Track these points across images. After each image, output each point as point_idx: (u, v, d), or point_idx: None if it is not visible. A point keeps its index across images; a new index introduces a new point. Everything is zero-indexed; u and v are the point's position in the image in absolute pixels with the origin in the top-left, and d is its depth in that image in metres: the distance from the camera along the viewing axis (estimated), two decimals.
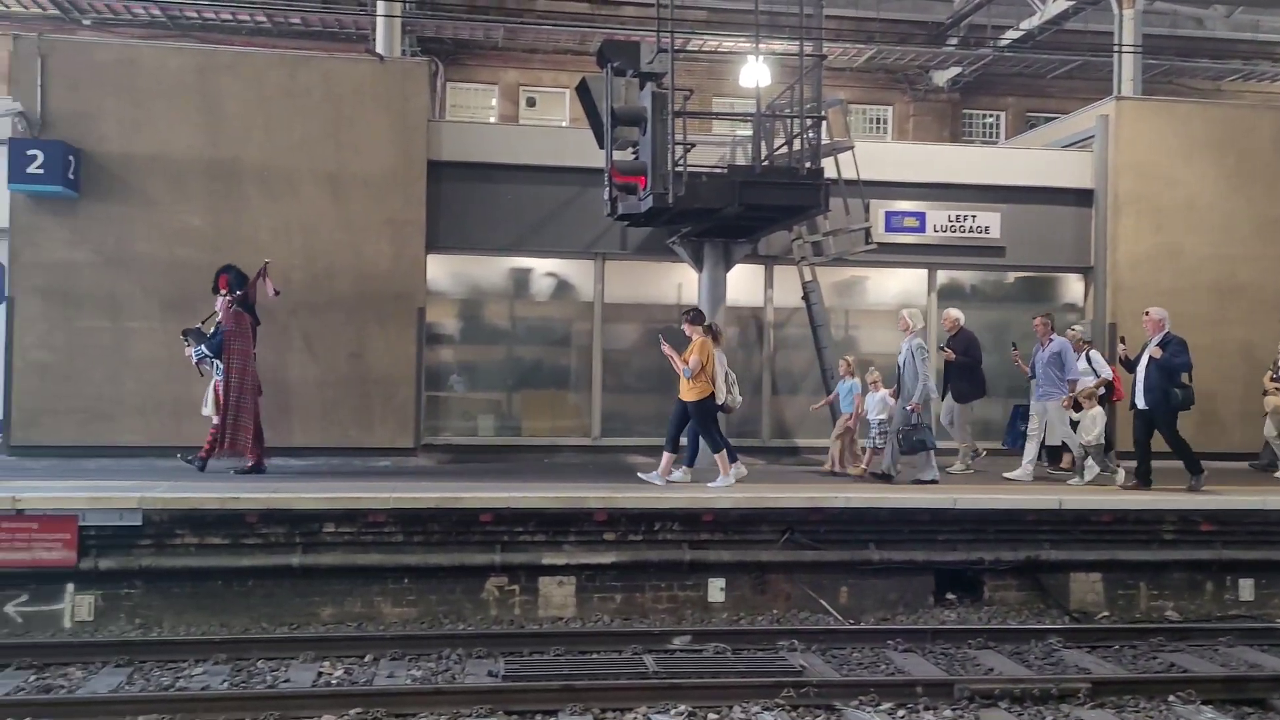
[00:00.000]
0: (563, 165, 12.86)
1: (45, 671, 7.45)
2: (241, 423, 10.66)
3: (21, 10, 17.28)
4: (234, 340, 10.66)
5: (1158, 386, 10.36)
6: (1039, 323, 11.58)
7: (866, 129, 20.23)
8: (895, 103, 20.50)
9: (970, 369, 11.86)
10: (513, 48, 18.91)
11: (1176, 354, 10.32)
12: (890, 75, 20.14)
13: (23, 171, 11.29)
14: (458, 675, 7.52)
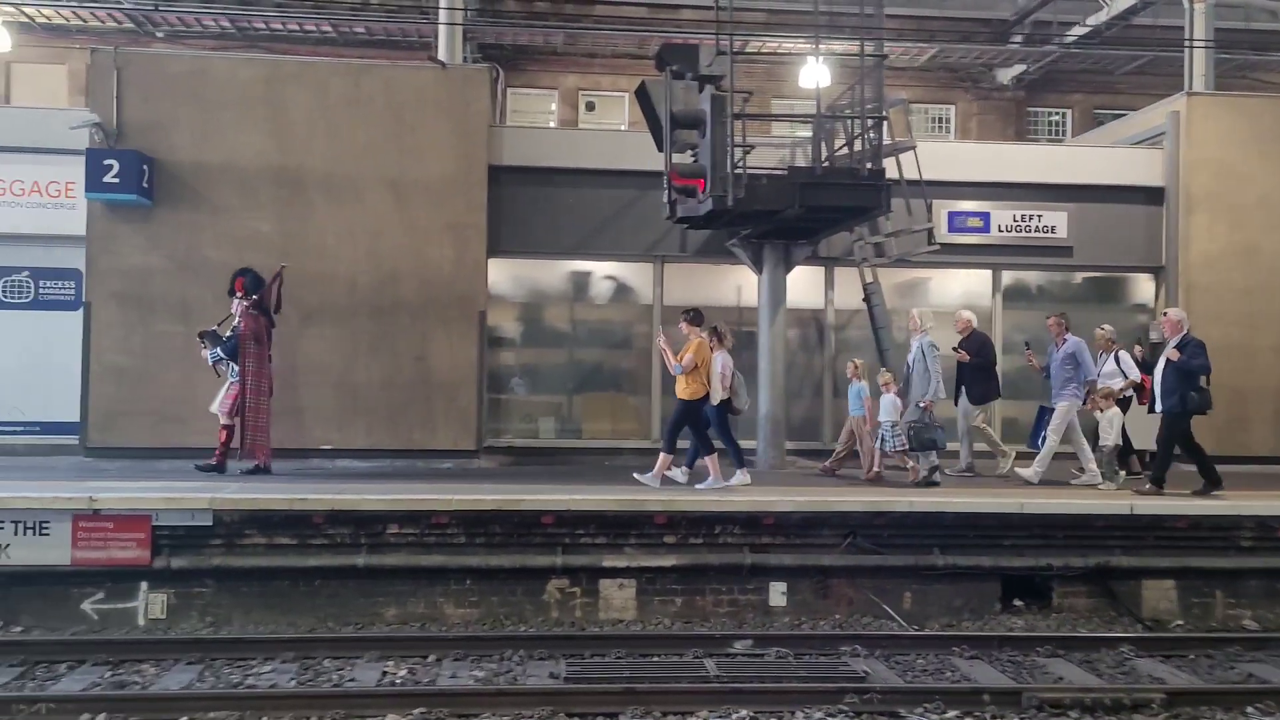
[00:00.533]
0: (622, 169, 12.89)
1: (120, 668, 7.64)
2: (259, 424, 10.85)
3: (98, 24, 17.80)
4: (249, 343, 10.83)
5: (1175, 389, 10.10)
6: (1052, 322, 11.32)
7: (929, 129, 19.99)
8: (958, 101, 20.22)
9: (983, 371, 11.70)
10: (572, 52, 19.01)
11: (1194, 356, 10.07)
12: (953, 74, 19.87)
13: (99, 181, 11.61)
14: (519, 676, 7.56)
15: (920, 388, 10.69)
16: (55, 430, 12.22)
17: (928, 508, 9.58)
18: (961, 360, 11.73)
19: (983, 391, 11.73)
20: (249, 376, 10.80)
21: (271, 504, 9.08)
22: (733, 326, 12.91)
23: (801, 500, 9.57)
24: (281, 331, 12.01)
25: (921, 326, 10.98)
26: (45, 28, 18.20)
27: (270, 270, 11.25)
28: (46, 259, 12.38)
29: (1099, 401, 10.89)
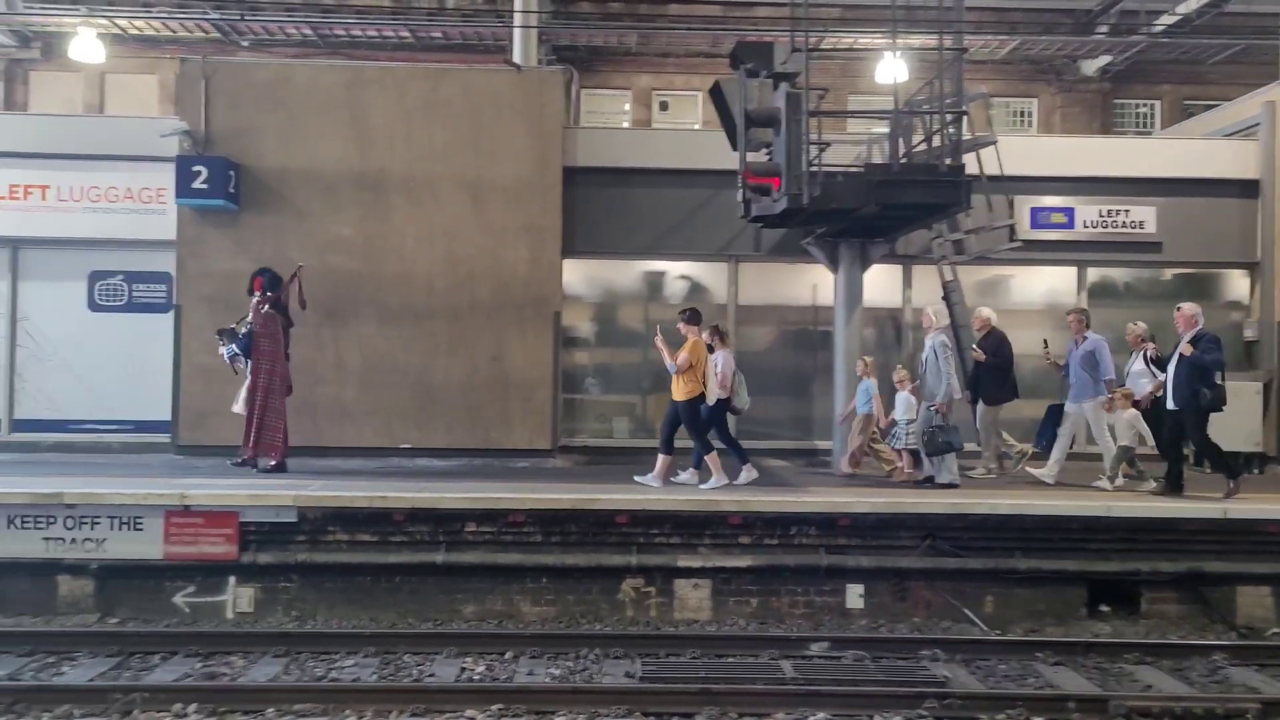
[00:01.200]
0: (696, 168, 12.88)
1: (210, 659, 7.87)
2: (268, 422, 10.96)
3: (187, 34, 18.35)
4: (263, 341, 10.99)
5: (1187, 385, 9.79)
6: (1073, 318, 11.04)
7: (1010, 123, 19.58)
8: (1041, 94, 19.77)
9: (1001, 371, 11.46)
10: (645, 52, 19.05)
11: (1207, 351, 9.73)
12: (1035, 66, 19.43)
13: (188, 187, 11.97)
14: (595, 675, 7.60)
15: (932, 389, 10.47)
16: (148, 429, 12.63)
17: (1009, 510, 9.40)
18: (978, 359, 11.49)
19: (997, 392, 11.49)
20: (260, 374, 10.97)
21: (353, 501, 9.28)
22: (808, 326, 12.87)
23: (878, 501, 9.46)
24: (363, 332, 12.30)
25: (936, 324, 10.72)
26: (136, 39, 18.82)
27: (361, 275, 11.47)
28: (139, 263, 12.80)
29: (1119, 401, 10.56)
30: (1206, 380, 9.78)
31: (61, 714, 6.68)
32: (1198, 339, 9.85)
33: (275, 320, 11.14)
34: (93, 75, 19.45)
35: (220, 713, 6.75)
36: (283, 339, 11.21)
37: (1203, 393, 9.75)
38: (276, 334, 11.11)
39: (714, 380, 10.46)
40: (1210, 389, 9.77)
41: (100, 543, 9.01)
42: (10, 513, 8.96)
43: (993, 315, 11.80)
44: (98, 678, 7.40)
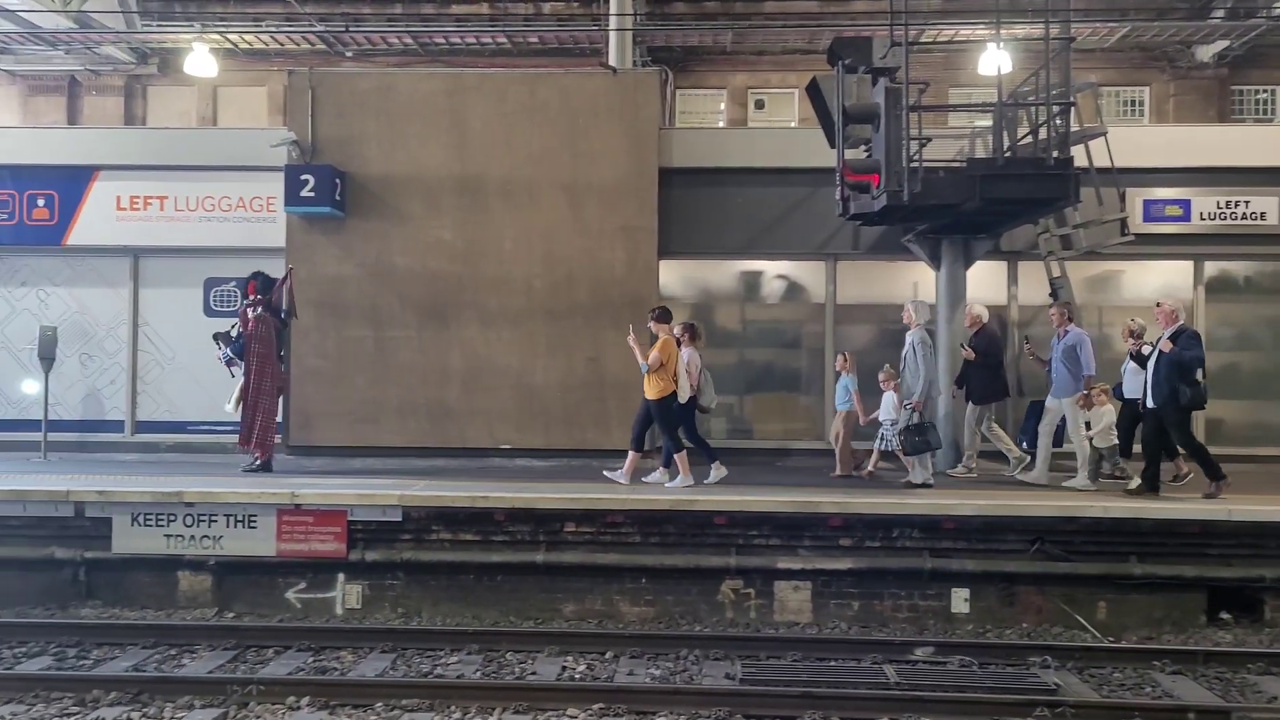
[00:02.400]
0: (792, 166, 12.77)
1: (321, 654, 8.10)
2: (261, 421, 11.12)
3: (294, 47, 18.94)
4: (254, 343, 11.15)
5: (1167, 383, 9.48)
6: (1054, 311, 10.72)
7: (1120, 112, 18.90)
8: (1153, 82, 19.03)
9: (991, 369, 11.18)
10: (741, 51, 18.95)
11: (1187, 347, 9.43)
12: (1146, 53, 18.71)
13: (297, 195, 12.34)
14: (695, 676, 7.59)
15: (909, 386, 10.27)
16: None
17: (1122, 513, 9.08)
18: (967, 358, 11.25)
19: (986, 391, 11.23)
20: (252, 375, 11.14)
21: (455, 501, 9.43)
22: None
23: (984, 504, 9.23)
24: (464, 335, 12.52)
25: (915, 320, 10.45)
26: (246, 53, 19.50)
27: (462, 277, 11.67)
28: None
29: (1096, 398, 10.26)
30: (1187, 378, 9.47)
31: (183, 704, 6.94)
32: (1178, 335, 9.57)
33: (268, 323, 11.27)
34: (206, 89, 20.22)
35: (331, 706, 6.93)
36: (274, 341, 11.36)
37: (1183, 390, 9.46)
38: (268, 336, 11.26)
39: (685, 378, 10.42)
40: (1190, 387, 9.47)
41: (217, 540, 9.36)
42: (134, 510, 9.37)
43: (984, 312, 11.53)
44: (216, 670, 7.69)
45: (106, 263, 13.27)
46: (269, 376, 11.22)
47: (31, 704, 6.94)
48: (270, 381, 11.24)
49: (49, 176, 13.19)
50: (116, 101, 20.70)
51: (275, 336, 11.36)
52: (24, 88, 21.07)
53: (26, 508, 9.41)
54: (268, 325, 11.29)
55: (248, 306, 11.35)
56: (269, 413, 11.25)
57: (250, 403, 11.17)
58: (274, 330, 11.35)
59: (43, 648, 8.15)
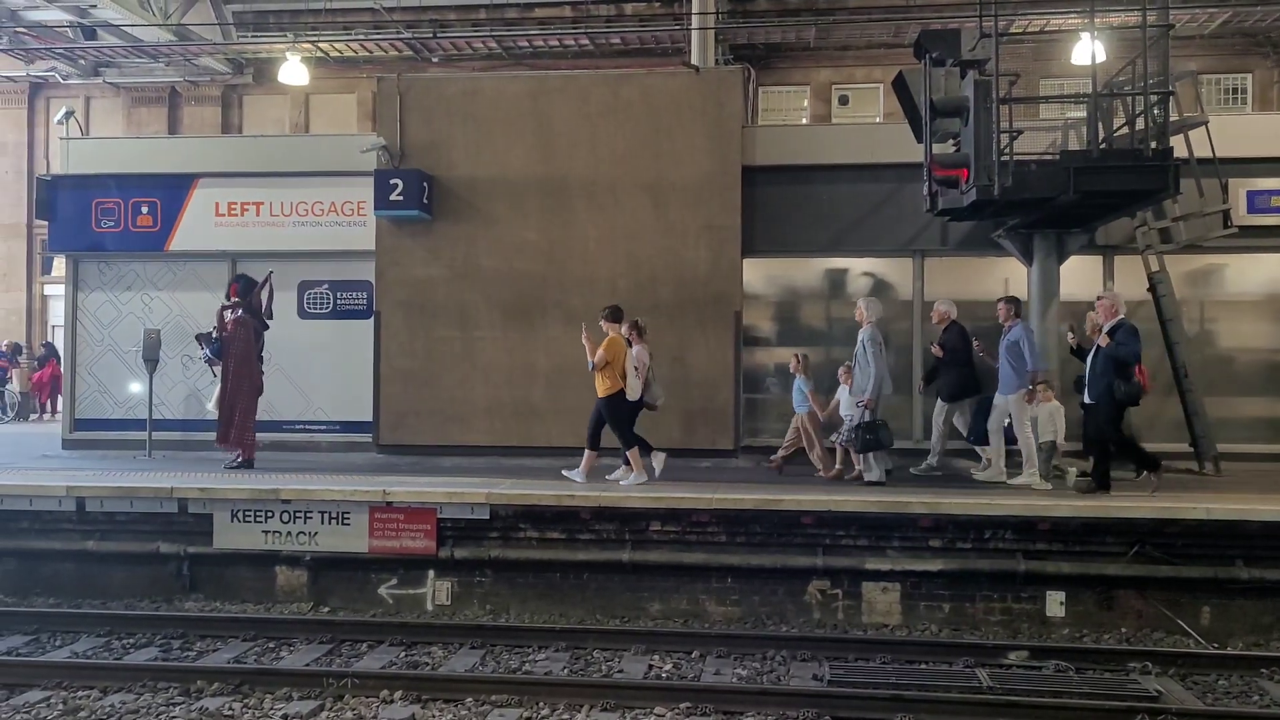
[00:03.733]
0: (878, 162, 12.58)
1: (413, 649, 8.26)
2: (239, 420, 11.37)
3: (382, 54, 19.36)
4: (231, 344, 11.44)
5: (1103, 377, 9.45)
6: (1001, 307, 10.62)
7: (1222, 101, 18.23)
8: (1255, 69, 18.34)
9: (960, 367, 10.93)
10: (824, 46, 18.80)
11: (1123, 343, 9.40)
12: (1249, 39, 18.04)
13: (386, 199, 12.60)
14: (782, 677, 7.55)
15: (860, 384, 10.22)
16: (352, 429, 13.35)
17: (1226, 515, 8.75)
18: (936, 355, 11.09)
19: (956, 388, 11.03)
20: (229, 376, 11.43)
21: (542, 499, 9.53)
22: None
23: (1081, 505, 8.99)
24: (549, 334, 12.62)
25: (867, 317, 10.39)
26: (337, 61, 20.00)
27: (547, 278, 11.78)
28: (342, 272, 13.54)
29: (1040, 393, 10.11)
30: (1122, 373, 9.41)
31: (281, 696, 7.14)
32: (1115, 330, 9.49)
33: (246, 325, 11.54)
34: (298, 97, 20.80)
35: (423, 700, 7.06)
36: (254, 342, 11.61)
37: (1117, 385, 9.38)
38: (247, 338, 11.52)
39: (633, 375, 10.45)
40: (1125, 381, 9.39)
41: (312, 536, 9.61)
42: (234, 507, 9.67)
43: (952, 309, 11.25)
44: (312, 663, 7.90)
45: (206, 267, 13.70)
46: (246, 377, 11.50)
47: (139, 693, 7.21)
48: (248, 381, 11.52)
49: (152, 185, 13.67)
50: (214, 110, 21.43)
51: (253, 338, 11.64)
52: (128, 99, 21.95)
53: (134, 504, 9.79)
54: (246, 327, 11.58)
55: (226, 309, 11.73)
56: (247, 412, 11.53)
57: (228, 402, 11.51)
58: (252, 332, 11.64)
59: (149, 639, 8.47)
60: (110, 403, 13.84)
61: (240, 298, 11.69)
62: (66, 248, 14.02)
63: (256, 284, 11.83)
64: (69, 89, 21.85)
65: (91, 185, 13.71)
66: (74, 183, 13.78)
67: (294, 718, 6.76)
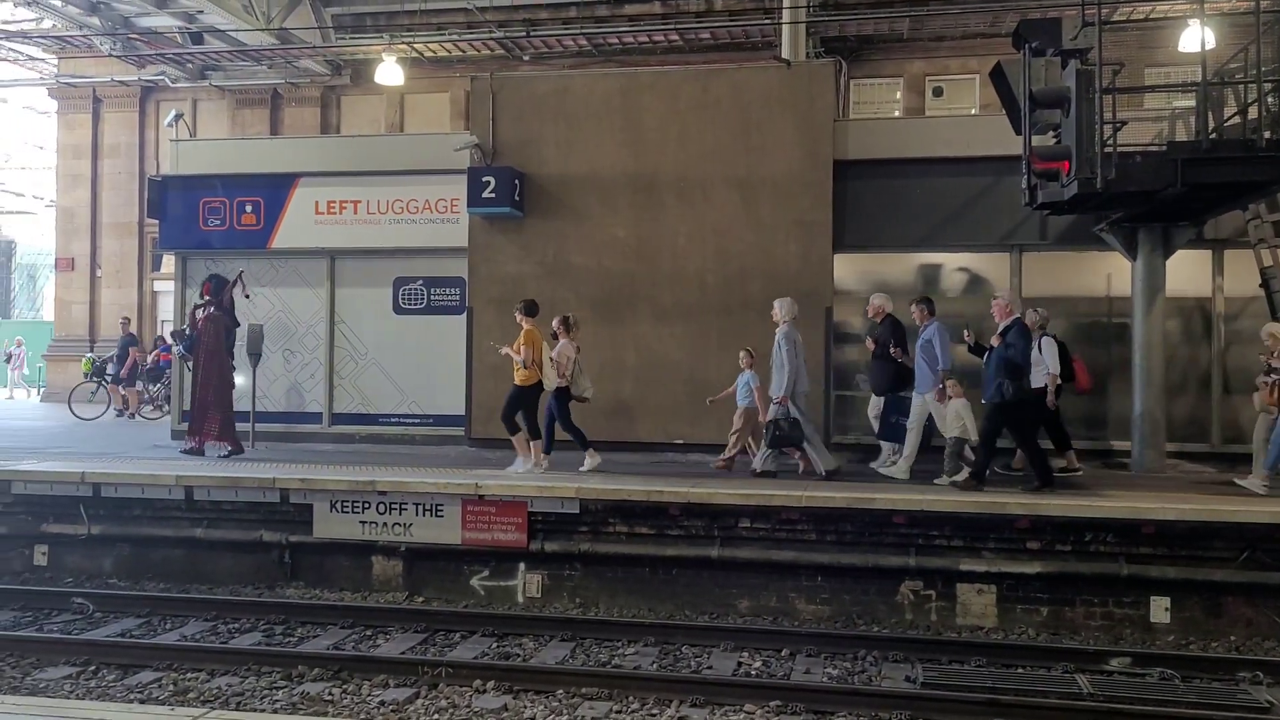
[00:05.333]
0: (974, 155, 12.31)
1: (504, 640, 8.38)
2: (215, 413, 11.91)
3: (474, 53, 19.65)
4: (204, 339, 12.01)
5: (992, 379, 9.56)
6: (915, 309, 10.75)
7: None
8: None
9: (891, 360, 10.91)
10: (918, 37, 18.47)
11: (1013, 343, 9.49)
12: None
13: (479, 196, 12.80)
14: (874, 678, 7.46)
15: (776, 383, 10.36)
16: (445, 422, 13.60)
17: None
18: (869, 349, 11.21)
19: (885, 383, 11.10)
20: (199, 371, 12.05)
21: (631, 495, 9.57)
22: (1101, 318, 12.06)
23: (1187, 508, 8.67)
24: (638, 330, 12.67)
25: (782, 317, 10.59)
26: (431, 61, 20.35)
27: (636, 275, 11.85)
28: (436, 269, 13.78)
29: (947, 391, 10.13)
30: (1012, 373, 9.43)
31: (378, 683, 7.31)
32: (1007, 330, 9.58)
33: (217, 322, 12.09)
34: (394, 97, 21.23)
35: (515, 691, 7.14)
36: (224, 338, 12.15)
37: (1005, 386, 9.43)
38: (217, 333, 12.07)
39: (549, 366, 10.75)
40: (1013, 381, 9.43)
41: (407, 527, 9.82)
42: (333, 498, 9.93)
43: (888, 303, 11.24)
44: (407, 651, 8.06)
45: (306, 264, 14.10)
46: (215, 371, 12.05)
47: (244, 676, 7.45)
48: (217, 376, 12.06)
49: (255, 184, 14.11)
50: (313, 111, 22.01)
51: (223, 334, 12.19)
52: (232, 101, 22.68)
53: (238, 493, 10.12)
54: (217, 324, 12.12)
55: (198, 307, 12.33)
56: (223, 404, 12.08)
57: (199, 396, 12.09)
58: (223, 328, 12.18)
59: (253, 624, 8.76)
60: None
61: (212, 296, 12.25)
62: (175, 246, 14.58)
63: (228, 283, 12.42)
64: (177, 92, 22.67)
65: (198, 185, 14.21)
66: (182, 183, 14.31)
67: (391, 704, 6.91)
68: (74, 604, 9.17)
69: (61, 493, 10.35)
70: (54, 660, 7.72)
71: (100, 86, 23.12)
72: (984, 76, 11.76)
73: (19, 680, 7.36)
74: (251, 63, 21.18)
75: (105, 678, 7.45)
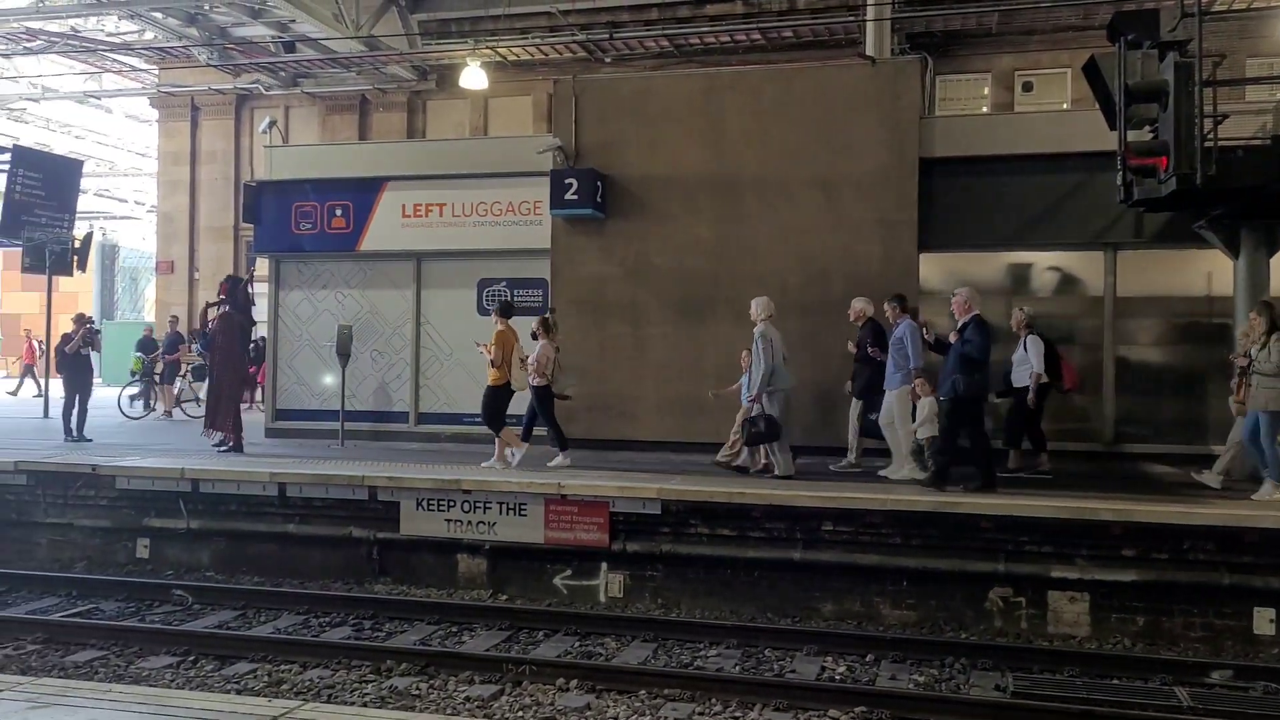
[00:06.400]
0: (1066, 151, 11.99)
1: (586, 639, 8.44)
2: (222, 406, 12.32)
3: (556, 56, 19.82)
4: (219, 337, 12.48)
5: (949, 375, 9.57)
6: (888, 307, 10.81)
7: None
8: None
9: (872, 363, 10.98)
10: (1008, 31, 18.07)
11: (970, 339, 9.51)
12: None
13: (561, 198, 12.91)
14: (962, 685, 7.32)
15: (753, 380, 10.52)
16: None
17: None
18: (850, 352, 11.28)
19: (866, 386, 11.12)
20: (214, 367, 12.54)
21: (713, 496, 9.56)
22: (1201, 318, 11.69)
23: None
24: (718, 331, 12.62)
25: (758, 316, 10.71)
26: (514, 64, 20.58)
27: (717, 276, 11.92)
28: (519, 270, 13.92)
29: (918, 388, 10.23)
30: (966, 368, 9.44)
31: (464, 679, 7.42)
32: (965, 326, 9.62)
33: (230, 320, 12.52)
34: (478, 101, 21.53)
35: (598, 690, 7.19)
36: (238, 337, 12.61)
37: (958, 380, 9.44)
38: (230, 332, 12.49)
39: (519, 367, 11.13)
40: (966, 376, 9.43)
41: (491, 526, 9.94)
42: (419, 496, 10.12)
43: (869, 306, 11.26)
44: (492, 648, 8.17)
45: (393, 266, 14.36)
46: (230, 368, 12.53)
47: (335, 669, 7.64)
48: (231, 373, 12.53)
49: (345, 189, 14.43)
50: (400, 116, 22.44)
51: (237, 332, 12.62)
52: (322, 108, 23.26)
53: (329, 490, 10.37)
54: (230, 323, 12.54)
55: (211, 305, 12.80)
56: (232, 399, 12.49)
57: (214, 392, 12.53)
58: (237, 327, 12.61)
59: (343, 618, 8.97)
60: (307, 394, 14.69)
61: (227, 296, 12.68)
62: (269, 249, 14.98)
63: (241, 282, 12.99)
64: (270, 100, 23.32)
65: (291, 190, 14.59)
66: (276, 188, 14.70)
67: (476, 700, 7.02)
68: (174, 595, 9.51)
69: (162, 488, 10.74)
70: (156, 650, 8.01)
71: (198, 95, 23.92)
72: (1076, 70, 11.47)
73: (123, 668, 7.66)
74: (341, 70, 21.68)
75: (204, 668, 7.70)
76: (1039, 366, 10.61)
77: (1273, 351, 9.10)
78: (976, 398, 9.68)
